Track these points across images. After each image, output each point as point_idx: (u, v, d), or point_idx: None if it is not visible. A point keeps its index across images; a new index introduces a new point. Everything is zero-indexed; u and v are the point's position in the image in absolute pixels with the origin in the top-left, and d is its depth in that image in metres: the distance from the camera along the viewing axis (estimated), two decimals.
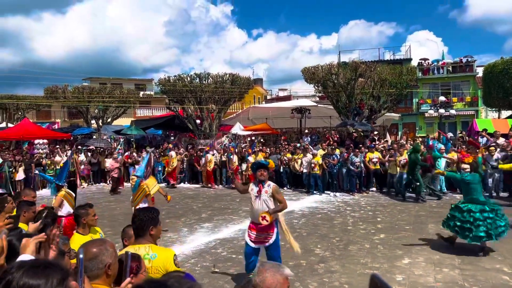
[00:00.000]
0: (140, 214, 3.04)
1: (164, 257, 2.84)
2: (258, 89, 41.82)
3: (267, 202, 5.41)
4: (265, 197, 5.40)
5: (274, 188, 5.46)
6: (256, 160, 6.28)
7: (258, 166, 5.63)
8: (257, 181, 5.52)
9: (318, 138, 19.03)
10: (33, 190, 5.00)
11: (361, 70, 19.94)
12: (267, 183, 5.48)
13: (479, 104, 30.85)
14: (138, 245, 2.94)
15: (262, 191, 5.42)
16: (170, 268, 2.78)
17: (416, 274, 6.13)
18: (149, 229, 2.96)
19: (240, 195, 14.31)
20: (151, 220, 2.97)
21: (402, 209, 11.28)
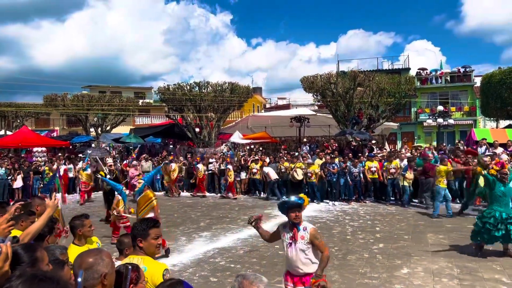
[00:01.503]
0: (134, 226, 3.06)
1: (153, 271, 2.80)
2: (257, 97, 41.93)
3: (305, 251, 4.17)
4: (301, 244, 4.17)
5: (313, 233, 4.21)
6: (287, 199, 4.39)
7: (291, 206, 4.23)
8: (289, 224, 4.29)
9: (317, 147, 19.04)
10: (42, 199, 4.96)
11: (360, 80, 20.04)
12: (303, 226, 4.22)
13: (477, 113, 30.95)
14: (133, 256, 2.95)
15: (298, 237, 4.18)
16: (158, 282, 2.71)
17: (415, 284, 6.11)
18: (138, 242, 2.95)
19: (239, 203, 14.40)
20: (139, 233, 2.96)
21: (401, 218, 11.27)
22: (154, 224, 3.01)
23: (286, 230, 4.33)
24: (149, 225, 2.97)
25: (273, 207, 13.45)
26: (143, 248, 2.92)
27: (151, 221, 3.03)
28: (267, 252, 8.07)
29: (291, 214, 4.19)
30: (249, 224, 4.56)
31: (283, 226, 4.42)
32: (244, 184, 16.59)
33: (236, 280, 2.11)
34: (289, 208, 4.23)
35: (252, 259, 7.63)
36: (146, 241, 2.92)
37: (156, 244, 2.96)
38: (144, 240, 2.92)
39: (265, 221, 4.31)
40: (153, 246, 2.94)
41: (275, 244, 8.70)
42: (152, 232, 2.94)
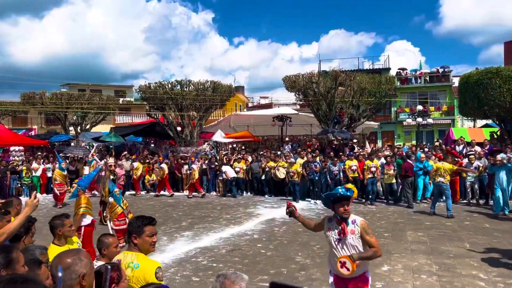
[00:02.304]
0: (130, 221, 3.08)
1: (146, 269, 2.80)
2: (240, 96, 41.89)
3: (357, 247, 3.79)
4: (351, 239, 3.78)
5: (363, 225, 3.83)
6: (335, 190, 3.92)
7: (339, 198, 3.82)
8: (336, 219, 3.89)
9: (299, 146, 19.12)
10: (19, 199, 4.85)
11: (341, 79, 20.20)
12: (351, 219, 3.84)
13: (455, 113, 31.60)
14: (128, 252, 2.96)
15: (347, 232, 3.80)
16: (150, 280, 2.75)
17: (395, 281, 6.20)
18: (132, 238, 2.95)
19: (221, 202, 14.35)
20: (134, 229, 2.96)
21: (381, 216, 11.42)
22: (150, 221, 3.00)
23: (331, 224, 3.89)
24: (145, 222, 2.96)
25: (256, 206, 13.48)
26: (138, 245, 2.92)
27: (147, 218, 3.02)
28: (249, 251, 8.07)
29: (340, 208, 3.78)
30: (287, 215, 4.34)
31: (328, 219, 4.00)
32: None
33: (217, 280, 2.09)
34: (335, 201, 3.82)
35: (234, 258, 7.62)
36: (140, 238, 2.92)
37: (150, 242, 2.94)
38: (139, 237, 2.92)
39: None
40: (147, 243, 2.93)
41: (257, 242, 8.74)
42: (147, 229, 2.93)
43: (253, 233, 9.61)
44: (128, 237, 3.01)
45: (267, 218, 11.38)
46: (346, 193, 3.78)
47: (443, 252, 7.67)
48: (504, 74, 16.78)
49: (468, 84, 18.44)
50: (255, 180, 15.95)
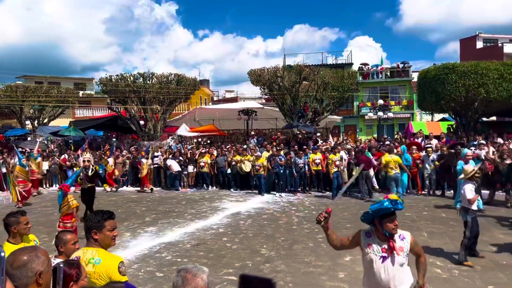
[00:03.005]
0: (88, 217, 3.00)
1: (108, 264, 2.76)
2: (205, 90, 41.51)
3: (403, 264, 3.35)
4: (401, 258, 3.32)
5: (414, 240, 3.47)
6: (381, 204, 3.27)
7: (389, 213, 3.31)
8: (381, 235, 3.36)
9: (264, 140, 19.21)
10: None
11: (305, 74, 20.43)
12: (400, 235, 3.40)
13: (414, 107, 32.68)
14: (87, 248, 2.89)
15: (397, 250, 3.32)
16: (113, 275, 2.70)
17: (357, 271, 6.35)
18: (92, 233, 2.89)
19: (186, 197, 14.24)
20: (94, 225, 2.90)
21: (344, 208, 11.68)
22: (110, 215, 2.96)
23: (373, 240, 3.37)
24: (104, 217, 2.92)
25: (221, 200, 13.45)
26: (98, 240, 2.87)
27: (106, 213, 2.97)
28: (215, 245, 8.04)
29: (389, 224, 3.26)
30: (318, 224, 3.51)
31: (365, 234, 3.46)
32: (191, 177, 16.40)
33: (178, 275, 2.06)
34: (384, 216, 3.29)
35: (199, 253, 7.58)
36: (101, 233, 2.87)
37: (112, 236, 2.91)
38: (99, 232, 2.87)
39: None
40: (108, 238, 2.89)
41: (222, 236, 8.72)
42: (107, 224, 2.89)
43: (218, 227, 9.59)
44: (86, 234, 2.94)
45: (232, 212, 11.38)
46: (399, 207, 3.32)
47: None
48: (460, 70, 17.51)
49: (426, 79, 19.12)
50: (220, 174, 15.90)
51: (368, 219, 3.42)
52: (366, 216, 3.41)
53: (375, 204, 3.36)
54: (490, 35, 40.49)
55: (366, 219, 3.43)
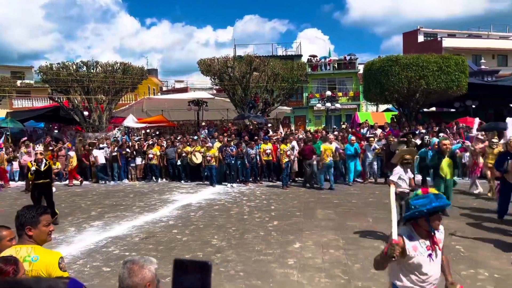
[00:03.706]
0: (20, 212, 2.82)
1: (48, 260, 2.64)
2: (153, 79, 40.43)
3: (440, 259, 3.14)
4: (439, 251, 3.13)
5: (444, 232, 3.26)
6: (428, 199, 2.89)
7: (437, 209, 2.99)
8: (423, 231, 3.05)
9: (215, 131, 19.09)
10: None
11: (256, 64, 20.45)
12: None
13: (360, 98, 33.82)
14: (20, 245, 2.72)
15: (438, 243, 3.11)
16: (53, 272, 2.59)
17: (306, 257, 6.51)
18: (26, 229, 2.73)
19: (134, 190, 13.86)
20: (28, 220, 2.74)
21: (294, 197, 11.89)
22: (45, 210, 2.84)
23: (416, 241, 3.05)
24: (39, 212, 2.79)
25: (171, 192, 13.23)
26: (33, 237, 2.73)
27: (40, 208, 2.84)
28: (164, 238, 7.90)
29: (436, 221, 3.00)
30: (390, 258, 2.91)
31: (408, 238, 3.05)
32: (140, 169, 15.98)
33: (124, 266, 1.98)
34: (433, 213, 2.99)
35: (148, 246, 7.40)
36: (36, 229, 2.74)
37: (48, 231, 2.81)
38: (34, 228, 2.73)
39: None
40: (44, 234, 2.78)
41: (172, 228, 8.58)
42: (43, 219, 2.78)
43: (168, 220, 9.42)
44: (19, 230, 2.77)
45: (183, 204, 11.22)
46: (447, 202, 3.14)
47: (349, 227, 8.22)
48: (402, 62, 18.29)
49: (371, 71, 19.81)
50: (170, 166, 15.61)
51: (414, 216, 3.06)
52: (416, 213, 3.01)
53: (421, 199, 3.02)
54: (430, 30, 42.61)
55: (412, 216, 3.06)
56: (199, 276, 0.86)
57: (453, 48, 34.22)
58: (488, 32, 42.58)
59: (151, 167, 15.59)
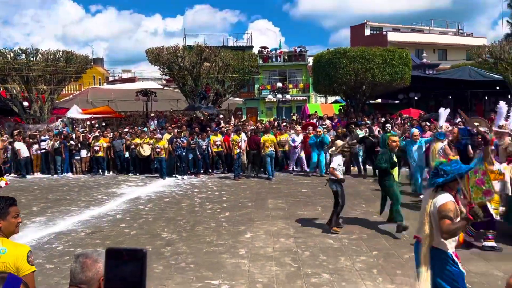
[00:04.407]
0: None
1: (16, 253, 2.61)
2: (98, 69, 38.86)
3: None
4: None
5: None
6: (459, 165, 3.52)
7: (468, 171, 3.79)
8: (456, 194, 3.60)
9: (165, 122, 18.69)
10: None
11: (206, 54, 20.19)
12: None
13: (310, 90, 34.44)
14: None
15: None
16: (21, 265, 2.56)
17: (257, 246, 6.56)
18: None
19: (79, 183, 13.29)
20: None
21: (246, 187, 11.94)
22: (13, 201, 2.78)
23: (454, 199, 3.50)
24: (8, 203, 2.73)
25: (119, 185, 12.83)
26: (1, 229, 2.67)
27: (9, 199, 2.77)
28: (112, 232, 7.65)
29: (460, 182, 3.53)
30: (478, 219, 3.31)
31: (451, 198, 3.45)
32: (85, 162, 15.33)
33: (76, 261, 1.89)
34: (463, 176, 3.57)
35: (95, 241, 7.14)
36: (5, 220, 2.69)
37: (16, 223, 2.79)
38: (3, 220, 2.68)
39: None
40: (13, 225, 2.77)
41: (120, 222, 8.32)
42: (12, 210, 2.75)
43: (115, 213, 9.12)
44: None
45: (131, 197, 10.91)
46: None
47: (299, 216, 8.38)
48: (350, 55, 18.80)
49: (320, 63, 20.21)
50: (118, 158, 15.11)
51: (452, 179, 3.43)
52: (455, 176, 3.40)
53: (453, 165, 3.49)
54: (377, 24, 44.12)
55: (451, 179, 3.43)
56: (134, 264, 0.82)
57: (397, 42, 35.65)
58: (430, 28, 44.75)
59: (97, 160, 15.01)
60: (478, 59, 20.01)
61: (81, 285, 1.88)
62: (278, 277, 5.34)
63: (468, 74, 20.62)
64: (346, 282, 5.15)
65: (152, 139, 14.16)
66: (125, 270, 0.83)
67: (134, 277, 0.84)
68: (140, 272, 0.83)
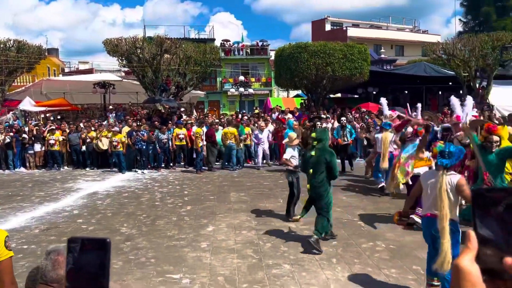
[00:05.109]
0: None
1: None
2: (53, 60, 37.24)
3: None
4: None
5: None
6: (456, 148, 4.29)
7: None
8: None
9: (125, 115, 18.21)
10: None
11: (167, 46, 19.76)
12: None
13: (272, 84, 34.61)
14: None
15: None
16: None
17: (219, 239, 6.55)
18: None
19: (33, 179, 12.73)
20: None
21: (208, 181, 11.87)
22: None
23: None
24: None
25: (75, 180, 12.40)
26: None
27: None
28: (68, 228, 7.39)
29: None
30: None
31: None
32: (39, 157, 14.70)
33: (47, 258, 1.79)
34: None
35: (50, 237, 6.87)
36: None
37: None
38: None
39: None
40: None
41: (77, 218, 8.05)
42: None
43: (72, 209, 8.82)
44: None
45: (89, 192, 10.58)
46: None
47: (261, 209, 8.43)
48: (311, 49, 19.03)
49: (282, 57, 20.34)
50: (74, 152, 14.59)
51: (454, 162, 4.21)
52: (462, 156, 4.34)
53: (454, 148, 4.23)
54: (337, 19, 44.87)
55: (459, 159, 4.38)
56: (97, 254, 0.78)
57: (357, 37, 36.44)
58: (388, 24, 46.04)
59: (53, 154, 14.42)
60: (432, 55, 20.81)
61: (52, 284, 1.78)
62: (239, 269, 5.35)
63: (423, 70, 21.42)
64: (307, 272, 5.24)
65: (110, 132, 13.76)
66: (87, 260, 0.79)
67: (97, 269, 0.80)
68: (104, 261, 0.79)
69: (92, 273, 0.79)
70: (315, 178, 6.06)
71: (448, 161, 4.08)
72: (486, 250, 0.64)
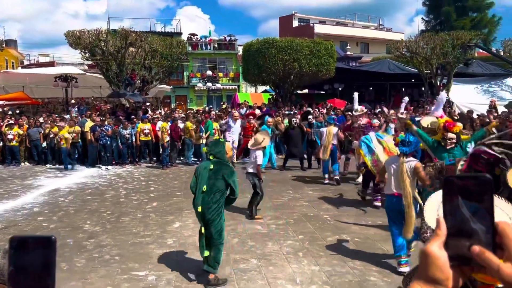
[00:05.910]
0: None
1: None
2: (11, 52, 35.60)
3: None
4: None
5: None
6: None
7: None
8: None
9: (87, 109, 17.66)
10: None
11: (132, 39, 19.30)
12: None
13: (240, 79, 34.54)
14: None
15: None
16: None
17: (186, 236, 6.48)
18: None
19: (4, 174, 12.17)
20: None
21: (175, 177, 11.71)
22: None
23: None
24: None
25: (36, 177, 11.94)
26: None
27: None
28: (28, 226, 7.12)
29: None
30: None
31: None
32: None
33: (5, 256, 1.69)
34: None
35: (8, 236, 6.54)
36: None
37: None
38: None
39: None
40: None
41: (37, 216, 7.76)
42: None
43: (32, 207, 8.49)
44: None
45: (50, 189, 10.21)
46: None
47: None
48: (278, 45, 19.11)
49: (250, 52, 20.32)
50: (34, 148, 14.04)
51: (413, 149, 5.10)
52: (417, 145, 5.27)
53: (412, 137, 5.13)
54: (304, 16, 45.25)
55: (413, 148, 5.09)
56: (41, 253, 0.73)
57: (323, 34, 36.88)
58: (353, 22, 46.85)
59: (11, 150, 13.82)
60: (396, 53, 21.36)
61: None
62: None
63: (387, 67, 21.98)
64: (274, 266, 5.27)
65: (72, 127, 13.30)
66: (32, 259, 0.74)
67: (41, 269, 0.75)
68: (49, 260, 0.74)
69: (36, 274, 0.73)
70: (210, 197, 4.97)
71: (407, 149, 4.88)
72: (454, 237, 0.65)
